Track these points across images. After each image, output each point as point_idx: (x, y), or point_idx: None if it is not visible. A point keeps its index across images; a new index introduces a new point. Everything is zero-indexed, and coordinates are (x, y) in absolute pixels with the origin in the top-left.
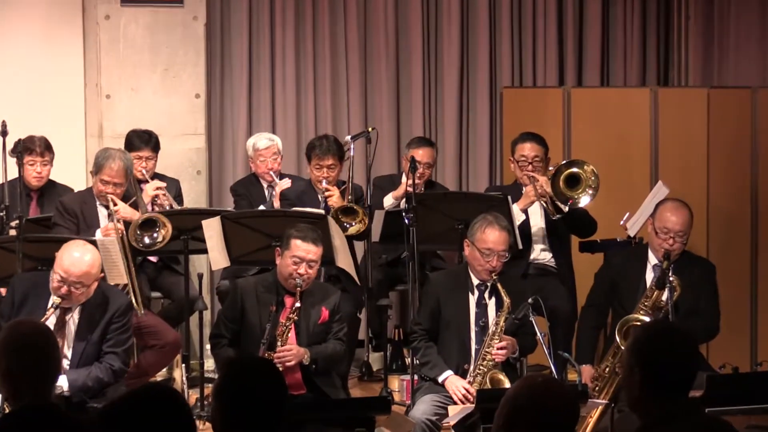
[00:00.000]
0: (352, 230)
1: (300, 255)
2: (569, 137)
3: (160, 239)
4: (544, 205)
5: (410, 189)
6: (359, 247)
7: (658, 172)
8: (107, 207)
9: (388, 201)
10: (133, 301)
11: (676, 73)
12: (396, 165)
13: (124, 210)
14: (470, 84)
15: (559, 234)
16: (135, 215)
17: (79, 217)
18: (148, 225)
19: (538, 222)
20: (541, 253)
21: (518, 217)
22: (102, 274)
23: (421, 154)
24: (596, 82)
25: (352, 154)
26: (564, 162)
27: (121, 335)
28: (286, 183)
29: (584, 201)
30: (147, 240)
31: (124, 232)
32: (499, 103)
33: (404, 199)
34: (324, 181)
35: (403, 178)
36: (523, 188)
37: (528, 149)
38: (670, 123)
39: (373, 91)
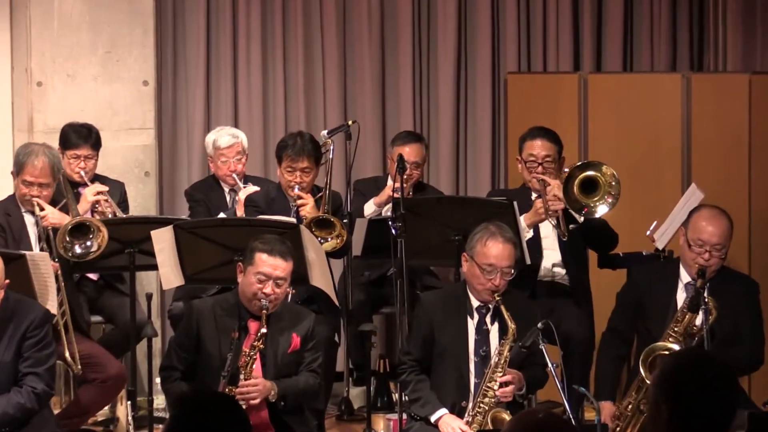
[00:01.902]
0: (326, 246)
1: (266, 271)
2: (586, 132)
3: (94, 248)
4: (553, 223)
5: (397, 193)
6: (338, 262)
7: (691, 174)
8: (35, 213)
9: (369, 208)
10: (68, 358)
11: (712, 57)
12: (381, 165)
13: (52, 215)
14: (468, 69)
15: (574, 246)
16: (66, 220)
17: (6, 230)
18: (80, 231)
19: (549, 232)
20: (553, 269)
21: (524, 234)
22: (7, 281)
23: (407, 151)
24: (618, 67)
25: (331, 156)
26: (578, 164)
27: (41, 352)
28: (251, 189)
29: (602, 210)
30: (78, 249)
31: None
32: (503, 91)
33: (389, 206)
34: (296, 186)
35: (389, 181)
36: (533, 194)
37: (538, 147)
38: (705, 115)
39: (354, 78)
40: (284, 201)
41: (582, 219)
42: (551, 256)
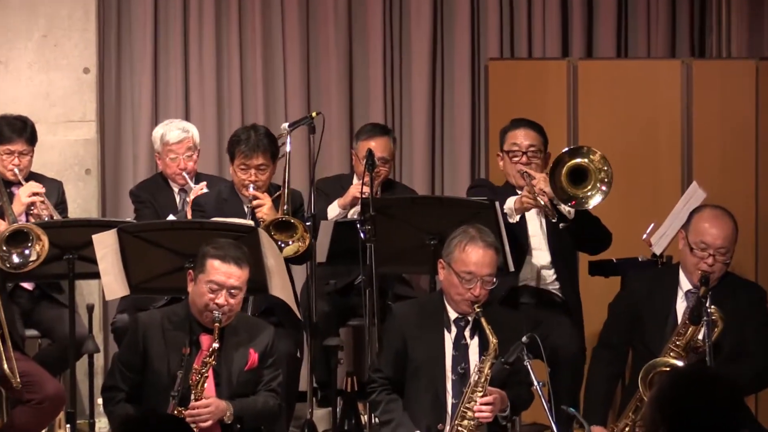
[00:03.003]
0: (288, 251)
1: (218, 280)
2: (575, 124)
3: (33, 257)
4: (541, 204)
5: (365, 193)
6: (300, 270)
7: (691, 170)
8: None
9: (333, 211)
10: (6, 371)
11: (715, 41)
12: (348, 162)
13: None
14: (445, 55)
15: (564, 247)
16: (1, 227)
17: None
18: (18, 239)
19: (537, 230)
20: (540, 271)
21: (511, 213)
22: None
23: (374, 146)
24: (611, 52)
25: (288, 149)
26: (565, 150)
27: None
28: (203, 189)
29: (595, 200)
30: (16, 259)
31: None
32: (484, 79)
33: (355, 208)
34: (251, 186)
35: (355, 179)
36: (518, 191)
37: (522, 136)
38: (707, 105)
39: (318, 65)
40: (238, 203)
41: (572, 213)
42: (539, 256)
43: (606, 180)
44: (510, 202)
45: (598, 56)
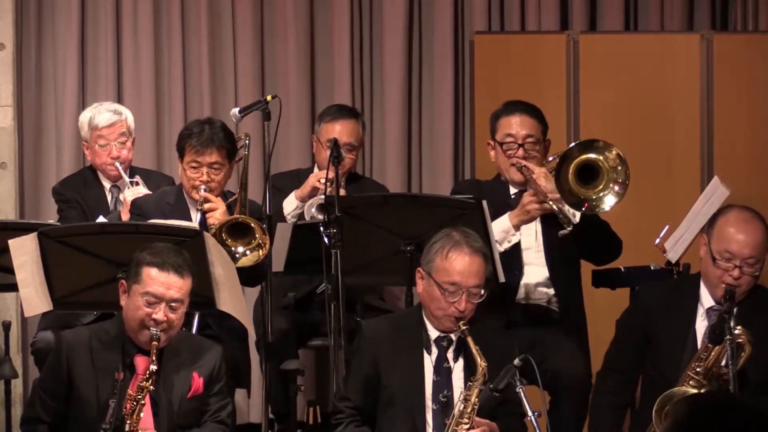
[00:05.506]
0: (246, 261)
1: (156, 291)
2: (576, 108)
3: None
4: (558, 214)
5: (329, 186)
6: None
7: (712, 162)
8: None
9: (290, 205)
10: None
11: (740, 13)
12: (308, 154)
13: None
14: (424, 29)
15: (565, 259)
16: None
17: None
18: None
19: (531, 242)
20: (536, 289)
21: (506, 236)
22: None
23: (338, 130)
24: (618, 25)
25: (247, 152)
26: (574, 144)
27: None
28: (139, 190)
29: (609, 203)
30: None
31: None
32: (469, 56)
33: (315, 199)
34: (202, 187)
35: (316, 170)
36: (511, 189)
37: (518, 125)
38: (730, 86)
39: (274, 42)
40: (184, 208)
41: (578, 218)
42: (535, 272)
43: (621, 180)
44: (503, 224)
45: (603, 29)
